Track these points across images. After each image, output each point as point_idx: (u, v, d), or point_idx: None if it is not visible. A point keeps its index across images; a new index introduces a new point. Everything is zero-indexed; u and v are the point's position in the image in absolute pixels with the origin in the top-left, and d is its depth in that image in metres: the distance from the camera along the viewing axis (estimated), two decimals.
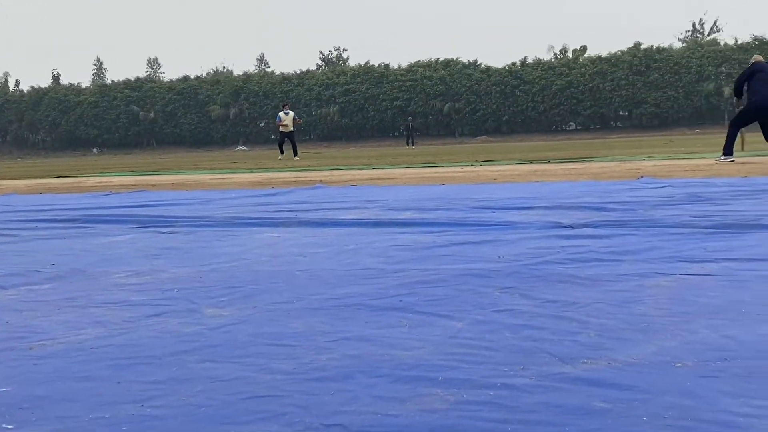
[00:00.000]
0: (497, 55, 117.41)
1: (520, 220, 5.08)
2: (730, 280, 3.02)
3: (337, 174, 12.57)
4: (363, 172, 13.06)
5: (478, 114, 57.12)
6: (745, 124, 11.23)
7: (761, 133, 11.26)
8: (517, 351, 2.19)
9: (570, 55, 58.27)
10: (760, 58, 11.34)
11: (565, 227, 4.68)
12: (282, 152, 24.42)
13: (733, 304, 2.63)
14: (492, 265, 3.53)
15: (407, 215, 5.68)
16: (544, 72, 55.86)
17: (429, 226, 5.03)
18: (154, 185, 11.14)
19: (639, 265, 3.39)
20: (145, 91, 67.85)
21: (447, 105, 57.47)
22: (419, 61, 60.73)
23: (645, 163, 11.82)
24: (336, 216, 5.81)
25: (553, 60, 57.86)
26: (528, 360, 2.10)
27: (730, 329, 2.31)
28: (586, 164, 12.25)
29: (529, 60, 57.38)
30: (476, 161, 15.45)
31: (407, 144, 44.76)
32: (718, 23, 59.74)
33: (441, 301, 2.87)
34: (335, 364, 2.14)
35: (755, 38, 49.70)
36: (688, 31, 60.76)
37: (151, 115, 66.50)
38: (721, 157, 10.81)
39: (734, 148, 10.93)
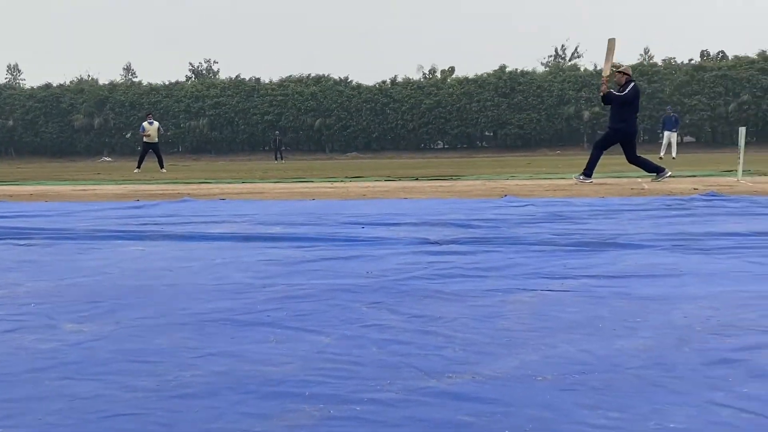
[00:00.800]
0: (368, 73, 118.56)
1: (388, 236, 5.13)
2: (588, 296, 3.15)
3: (205, 187, 12.32)
4: (232, 185, 12.85)
5: (348, 130, 57.48)
6: (608, 147, 11.57)
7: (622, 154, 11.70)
8: (384, 366, 2.20)
9: (438, 75, 59.65)
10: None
11: (432, 243, 4.76)
12: (140, 165, 23.32)
13: (591, 319, 2.74)
14: (360, 281, 3.55)
15: (276, 230, 5.63)
16: (413, 91, 56.86)
17: (298, 241, 5.01)
18: (11, 196, 10.56)
19: (502, 281, 3.49)
20: (4, 98, 64.26)
21: (318, 120, 57.56)
22: (290, 76, 60.54)
23: (508, 182, 12.22)
24: (204, 230, 5.68)
25: (422, 79, 59.03)
26: (394, 375, 2.11)
27: (587, 344, 2.41)
28: (453, 182, 12.54)
29: (399, 79, 58.36)
30: (346, 177, 15.53)
31: (276, 158, 44.55)
32: (578, 49, 62.74)
33: (309, 316, 2.86)
34: (200, 381, 2.08)
35: (612, 65, 52.47)
36: (551, 56, 63.47)
37: (10, 122, 63.07)
38: (580, 177, 11.27)
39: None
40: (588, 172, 11.24)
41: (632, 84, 11.15)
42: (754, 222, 5.49)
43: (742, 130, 12.57)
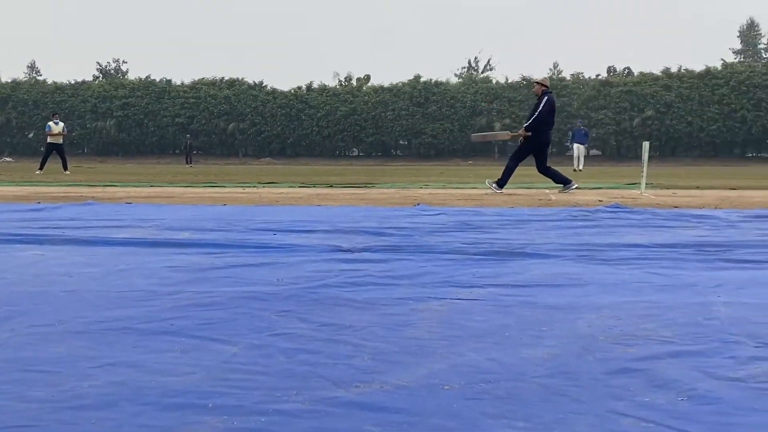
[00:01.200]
0: (283, 79, 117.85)
1: (300, 243, 5.09)
2: (495, 305, 3.19)
3: (110, 191, 11.99)
4: (140, 189, 12.55)
5: (262, 135, 56.90)
6: (524, 158, 11.73)
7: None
8: (291, 375, 2.17)
9: (354, 83, 59.74)
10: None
11: (345, 251, 4.75)
12: (42, 166, 22.45)
13: (498, 328, 2.77)
14: (270, 288, 3.50)
15: (185, 235, 5.51)
16: (329, 98, 56.75)
17: (207, 248, 4.91)
18: None
19: (413, 290, 3.50)
20: None
21: (231, 125, 56.77)
22: (203, 78, 59.53)
23: (422, 191, 12.33)
24: (107, 234, 5.51)
25: (338, 87, 59.00)
26: (302, 384, 2.09)
27: (494, 352, 2.43)
28: (367, 190, 12.57)
29: (315, 85, 58.20)
30: (259, 182, 15.37)
31: (187, 162, 43.75)
32: (491, 62, 63.85)
33: (215, 324, 2.80)
34: (98, 392, 2.01)
35: (523, 78, 53.56)
36: (464, 67, 64.39)
37: None
38: (494, 185, 11.45)
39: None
40: (501, 183, 11.42)
41: (547, 97, 11.39)
42: (655, 234, 5.68)
43: (646, 145, 13.03)
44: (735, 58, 62.63)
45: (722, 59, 54.05)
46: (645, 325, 2.79)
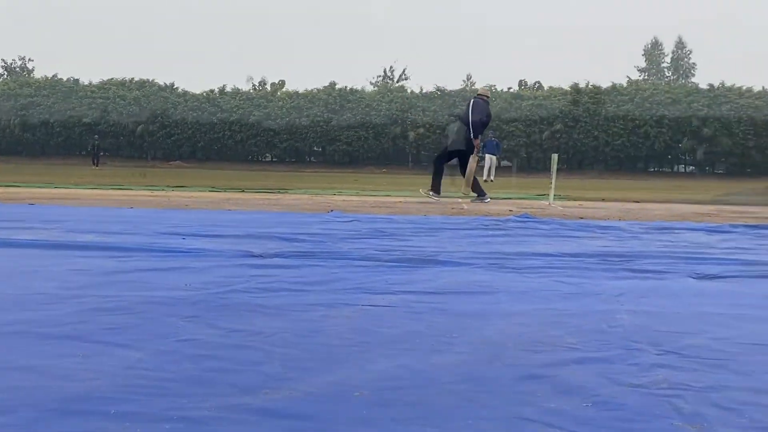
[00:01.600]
0: (195, 81, 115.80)
1: (210, 247, 4.99)
2: (407, 311, 3.20)
3: (13, 191, 11.54)
4: (43, 190, 12.12)
5: (172, 138, 55.74)
6: (447, 161, 12.12)
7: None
8: (198, 382, 2.12)
9: (269, 87, 59.24)
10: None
11: (256, 256, 4.69)
12: None
13: (409, 334, 2.78)
14: (178, 293, 3.42)
15: (89, 238, 5.34)
16: (242, 102, 56.03)
17: (112, 251, 4.77)
18: None
19: (325, 296, 3.48)
20: None
21: (140, 126, 55.44)
22: (112, 79, 57.94)
23: (335, 197, 12.30)
24: (8, 236, 5.30)
25: (251, 91, 58.38)
26: (208, 391, 2.04)
27: (405, 359, 2.43)
28: (280, 195, 12.47)
29: (228, 89, 57.43)
30: (168, 186, 15.07)
31: (93, 164, 42.51)
32: (406, 72, 64.33)
33: (120, 329, 2.72)
34: None
35: (438, 88, 54.16)
36: (380, 76, 64.67)
37: None
38: (431, 193, 11.73)
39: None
40: (435, 188, 11.78)
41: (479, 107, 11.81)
42: (562, 243, 5.82)
43: (554, 157, 13.33)
44: (639, 76, 64.92)
45: (628, 76, 55.91)
46: (552, 332, 2.85)
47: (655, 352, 2.57)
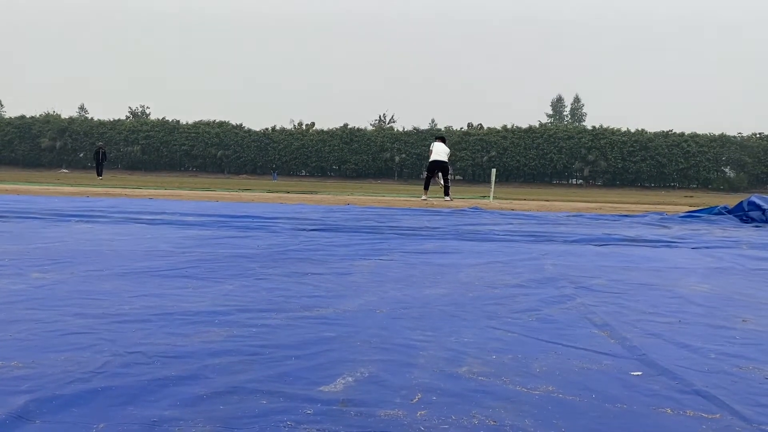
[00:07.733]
0: (256, 121, 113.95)
1: (270, 225, 4.93)
2: (405, 263, 3.14)
3: (137, 191, 11.41)
4: (158, 191, 11.99)
5: (241, 160, 55.43)
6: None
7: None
8: (272, 303, 2.08)
9: (304, 127, 58.86)
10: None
11: (301, 230, 4.63)
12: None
13: (408, 276, 2.73)
14: (253, 251, 3.37)
15: (191, 219, 5.27)
16: (287, 136, 55.81)
17: (207, 226, 4.71)
18: None
19: (350, 253, 3.42)
20: None
21: (220, 152, 55.13)
22: (201, 120, 57.58)
23: (349, 197, 12.19)
24: (138, 216, 5.23)
25: (293, 129, 58.02)
26: (280, 308, 2.00)
27: (407, 290, 2.39)
28: (313, 195, 12.38)
29: (278, 127, 57.13)
30: (239, 189, 14.94)
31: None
32: (394, 116, 64.09)
33: (216, 271, 2.66)
34: (136, 312, 1.87)
35: (414, 128, 54.05)
36: (376, 119, 64.28)
37: None
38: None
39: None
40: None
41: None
42: (502, 223, 5.77)
43: (494, 171, 13.34)
44: (547, 120, 64.65)
45: (539, 121, 55.67)
46: (502, 277, 2.80)
47: (573, 287, 2.53)
